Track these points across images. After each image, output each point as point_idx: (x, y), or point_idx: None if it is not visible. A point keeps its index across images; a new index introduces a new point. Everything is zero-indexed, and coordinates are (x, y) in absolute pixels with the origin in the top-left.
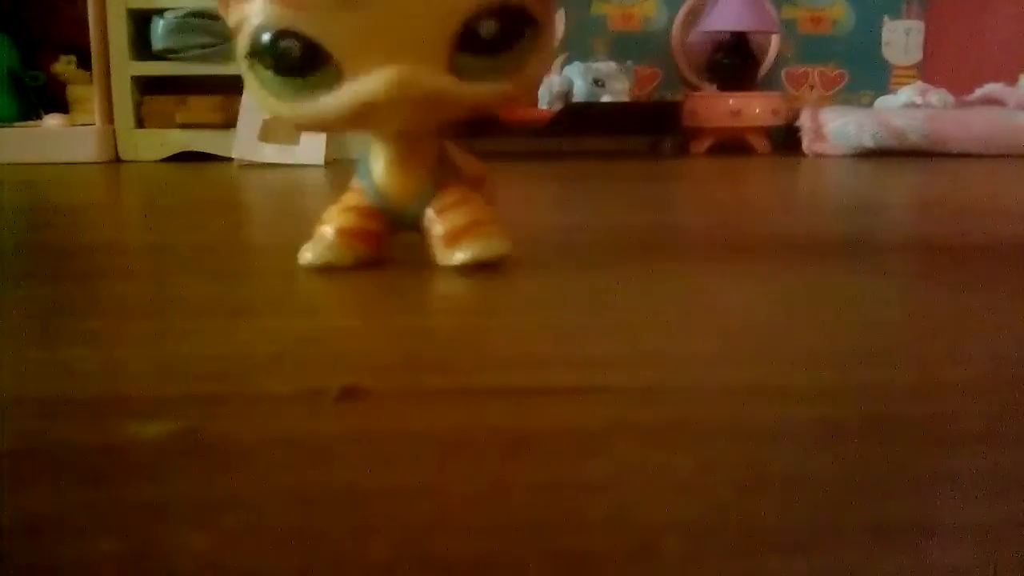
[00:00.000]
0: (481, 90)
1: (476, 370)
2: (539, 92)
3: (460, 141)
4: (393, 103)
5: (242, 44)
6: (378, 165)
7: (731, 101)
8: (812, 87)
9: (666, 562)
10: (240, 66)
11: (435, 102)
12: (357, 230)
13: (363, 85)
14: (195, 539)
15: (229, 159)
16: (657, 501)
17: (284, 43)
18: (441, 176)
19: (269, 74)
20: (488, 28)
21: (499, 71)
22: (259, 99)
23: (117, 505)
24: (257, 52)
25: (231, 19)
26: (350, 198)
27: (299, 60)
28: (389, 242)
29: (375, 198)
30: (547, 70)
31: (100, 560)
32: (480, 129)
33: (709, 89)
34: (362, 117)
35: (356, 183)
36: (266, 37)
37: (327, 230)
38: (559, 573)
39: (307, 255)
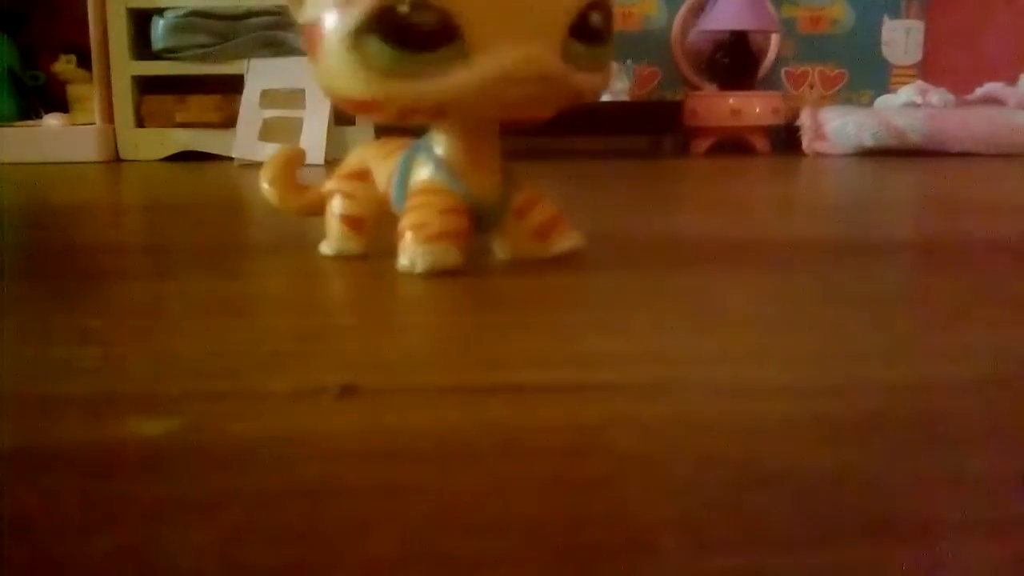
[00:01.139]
0: (585, 79)
1: (476, 367)
2: None
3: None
4: (521, 82)
5: (350, 18)
6: (459, 159)
7: (731, 100)
8: (812, 86)
9: (666, 558)
10: (333, 46)
11: (554, 86)
12: (460, 231)
13: (495, 61)
14: (194, 536)
15: (229, 158)
16: (657, 497)
17: (419, 14)
18: (514, 174)
19: (387, 50)
20: (596, 19)
21: (596, 62)
22: (359, 80)
23: (116, 502)
24: (380, 22)
25: None
26: (441, 199)
27: (432, 33)
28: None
29: (466, 194)
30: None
31: (99, 558)
32: None
33: (709, 88)
34: (488, 96)
35: (434, 182)
36: (395, 9)
37: (429, 235)
38: (559, 569)
39: (416, 263)
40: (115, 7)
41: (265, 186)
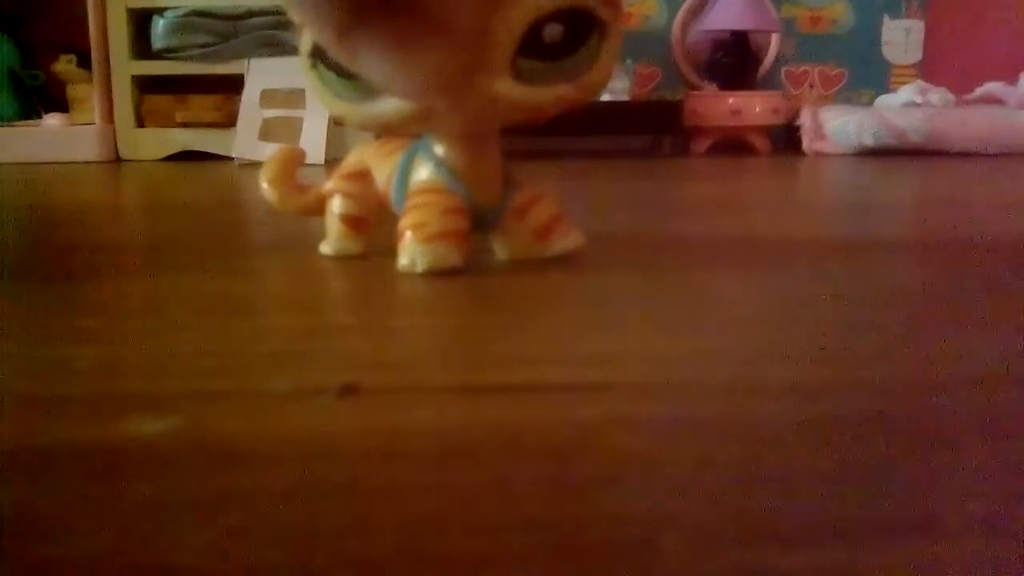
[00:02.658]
0: (540, 94)
1: (476, 367)
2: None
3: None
4: (451, 110)
5: (306, 43)
6: (458, 160)
7: (731, 100)
8: (812, 86)
9: (665, 557)
10: (302, 64)
11: (493, 107)
12: (460, 231)
13: None
14: (194, 536)
15: (229, 158)
16: (656, 497)
17: None
18: (513, 173)
19: (332, 75)
20: (552, 33)
21: (561, 75)
22: (320, 97)
23: (116, 502)
24: (321, 52)
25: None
26: (441, 199)
27: None
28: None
29: (465, 195)
30: (610, 75)
31: (99, 557)
32: None
33: (709, 88)
34: (421, 120)
35: (433, 182)
36: None
37: (430, 235)
38: (559, 569)
39: (415, 263)
40: (115, 7)
41: (265, 186)
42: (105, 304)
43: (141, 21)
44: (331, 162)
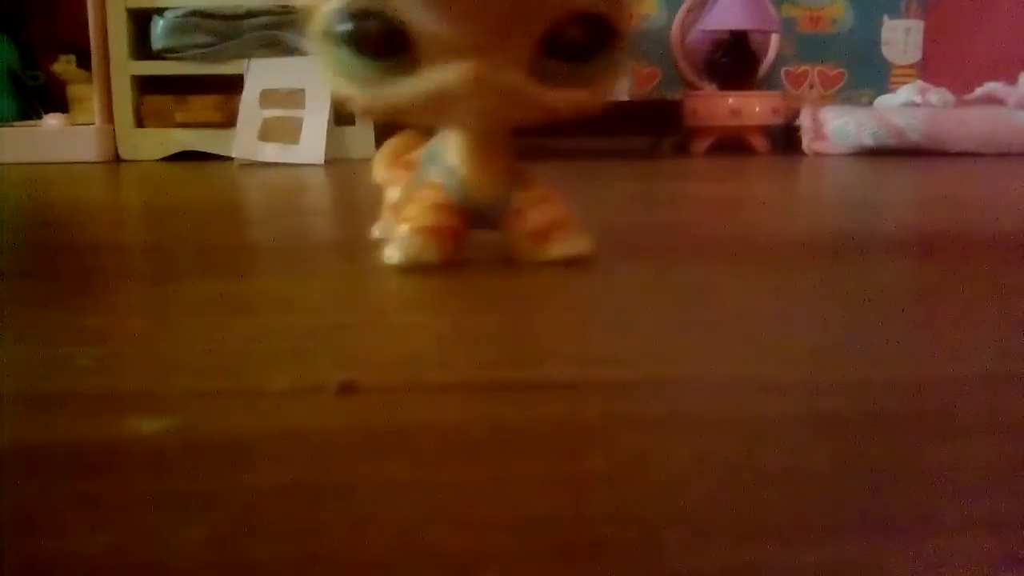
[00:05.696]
0: (558, 96)
1: (475, 365)
2: None
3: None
4: (468, 97)
5: (317, 23)
6: (459, 160)
7: (731, 100)
8: (812, 86)
9: (666, 554)
10: (311, 45)
11: (511, 102)
12: (444, 228)
13: (440, 75)
14: (193, 534)
15: (229, 158)
16: (657, 494)
17: (367, 23)
18: (519, 172)
19: (344, 54)
20: (573, 35)
21: (578, 79)
22: (329, 80)
23: (115, 500)
24: (335, 30)
25: None
26: (432, 195)
27: (380, 42)
28: (466, 239)
29: (459, 194)
30: (617, 83)
31: (98, 555)
32: None
33: (709, 88)
34: (436, 107)
35: (434, 179)
36: (347, 16)
37: (413, 228)
38: (559, 566)
39: (394, 255)
40: (115, 7)
41: (376, 176)
42: (105, 303)
43: (141, 21)
44: (330, 162)
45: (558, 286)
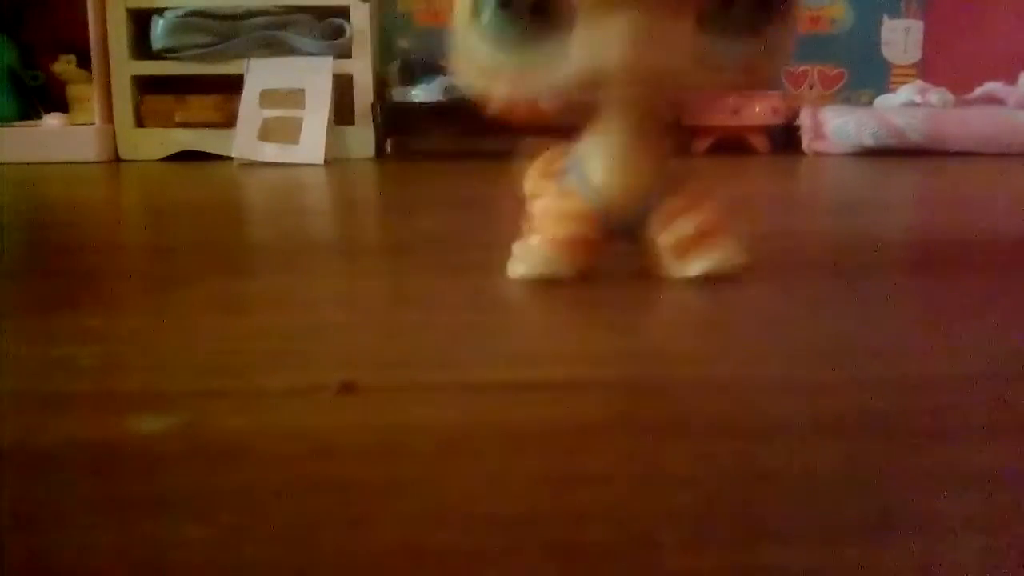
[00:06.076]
0: (720, 80)
1: (474, 365)
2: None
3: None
4: (628, 62)
5: (462, 6)
6: (599, 164)
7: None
8: (812, 86)
9: (663, 553)
10: (459, 17)
11: (670, 87)
12: (578, 239)
13: (598, 57)
14: (193, 533)
15: (229, 158)
16: (654, 493)
17: None
18: (668, 177)
19: (507, 23)
20: (744, 6)
21: (744, 60)
22: (471, 53)
23: (116, 499)
24: (484, 5)
25: None
26: (566, 202)
27: (535, 8)
28: (605, 251)
29: (596, 201)
30: (786, 65)
31: (100, 553)
32: (479, 128)
33: None
34: (591, 85)
35: (569, 184)
36: None
37: (543, 239)
38: (557, 565)
39: (520, 267)
40: (115, 7)
41: (527, 189)
42: (106, 303)
43: (141, 21)
44: (330, 162)
45: (556, 287)
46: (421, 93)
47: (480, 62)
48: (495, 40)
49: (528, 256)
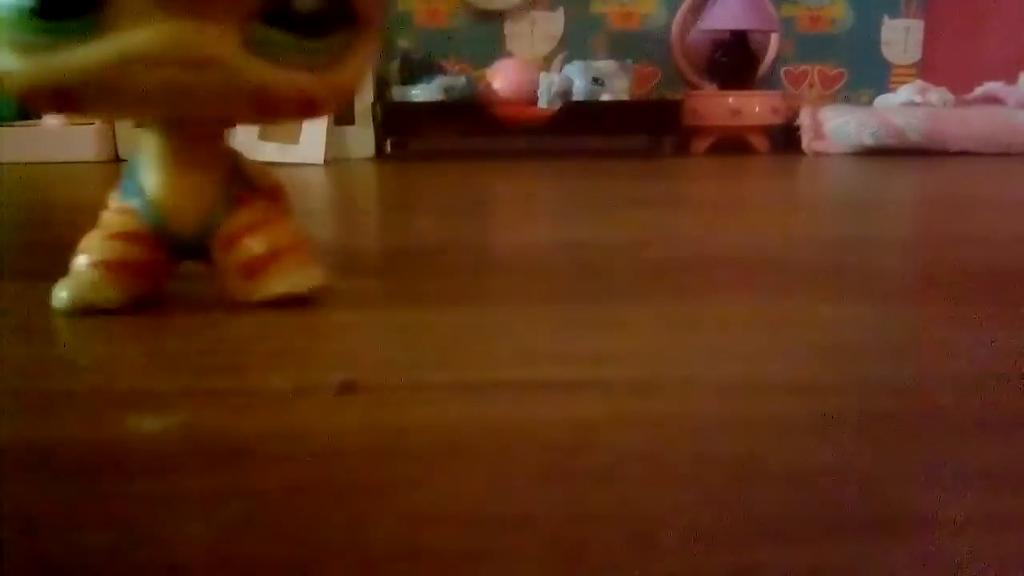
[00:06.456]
0: (278, 77)
1: (475, 365)
2: (539, 90)
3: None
4: (162, 65)
5: None
6: (154, 177)
7: (731, 100)
8: (812, 86)
9: (664, 553)
10: None
11: (216, 77)
12: (128, 262)
13: (128, 37)
14: (193, 532)
15: None
16: (656, 493)
17: None
18: (234, 190)
19: (12, 15)
20: (308, 3)
21: (303, 59)
22: None
23: (116, 498)
24: None
25: None
26: (116, 222)
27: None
28: (170, 272)
29: (150, 219)
30: (361, 82)
31: (98, 553)
32: (479, 128)
33: (709, 88)
34: (118, 84)
35: (122, 201)
36: None
37: (85, 262)
38: (558, 564)
39: (62, 295)
40: None
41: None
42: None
43: None
44: (330, 162)
45: (556, 286)
46: (421, 93)
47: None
48: (8, 42)
49: (72, 283)
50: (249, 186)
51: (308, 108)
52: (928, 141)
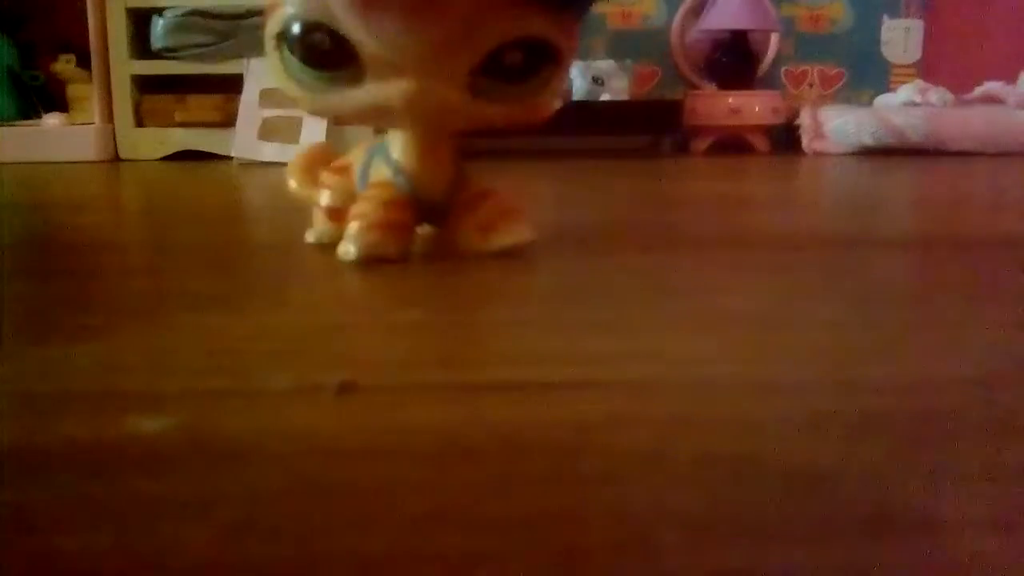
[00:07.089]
0: (493, 111)
1: (474, 365)
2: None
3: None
4: (405, 112)
5: (272, 25)
6: (406, 157)
7: (731, 100)
8: (811, 85)
9: (664, 555)
10: (266, 45)
11: (447, 116)
12: (394, 223)
13: (379, 90)
14: (193, 534)
15: (229, 158)
16: (656, 495)
17: (315, 36)
18: (465, 169)
19: (294, 60)
20: (513, 59)
21: (516, 96)
22: (279, 80)
23: (115, 500)
24: (286, 37)
25: None
26: (383, 191)
27: (327, 55)
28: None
29: (407, 189)
30: (559, 100)
31: (98, 554)
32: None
33: (709, 88)
34: (378, 117)
35: (383, 176)
36: (297, 27)
37: (367, 224)
38: (558, 566)
39: (350, 250)
40: (114, 7)
41: (292, 184)
42: (105, 302)
43: (141, 21)
44: None
45: (557, 286)
46: None
47: (282, 83)
48: (293, 73)
49: (357, 240)
50: (468, 170)
51: (515, 126)
52: (928, 141)
